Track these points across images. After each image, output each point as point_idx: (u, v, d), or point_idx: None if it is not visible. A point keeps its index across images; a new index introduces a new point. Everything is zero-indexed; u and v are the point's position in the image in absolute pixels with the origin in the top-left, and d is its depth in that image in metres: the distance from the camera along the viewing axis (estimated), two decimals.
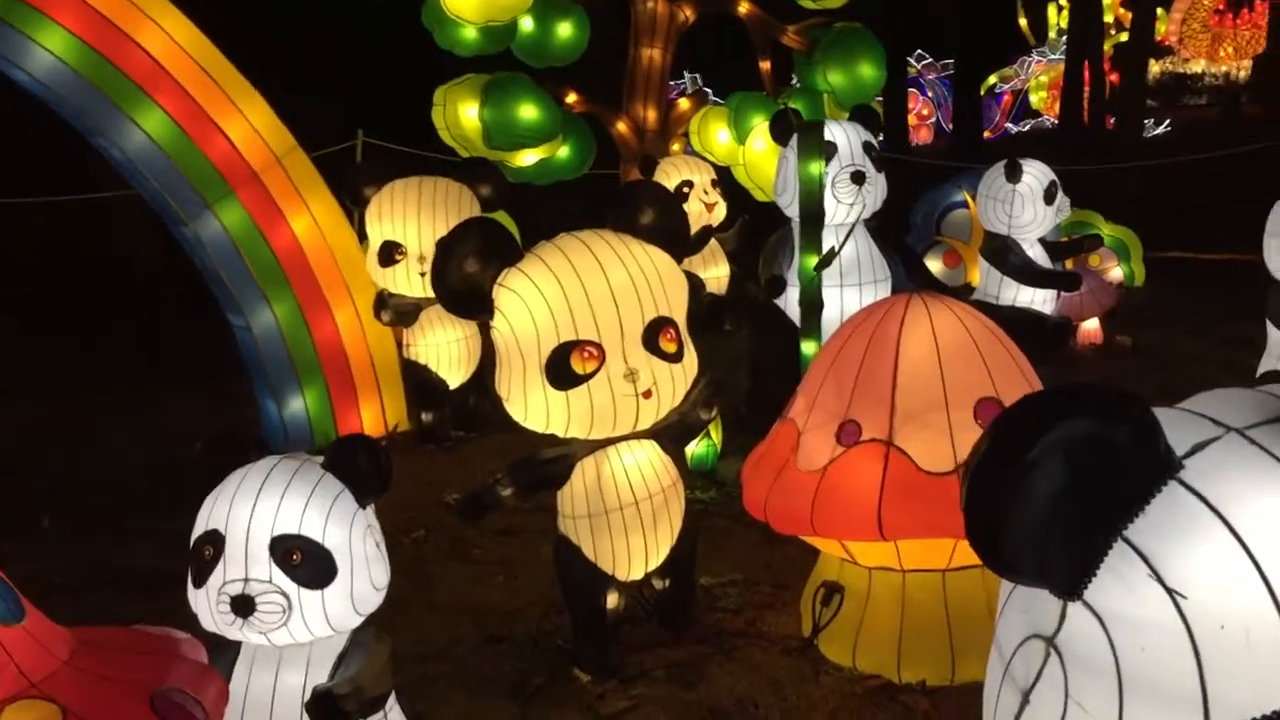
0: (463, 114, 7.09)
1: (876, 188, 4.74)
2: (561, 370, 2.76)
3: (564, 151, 7.55)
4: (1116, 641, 0.87)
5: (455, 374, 5.29)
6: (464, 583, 3.81)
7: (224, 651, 2.34)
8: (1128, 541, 0.87)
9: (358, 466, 2.33)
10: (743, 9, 8.01)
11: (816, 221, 4.41)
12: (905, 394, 2.83)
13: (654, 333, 2.82)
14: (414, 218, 4.92)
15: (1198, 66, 30.71)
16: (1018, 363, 2.94)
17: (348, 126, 9.54)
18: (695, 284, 3.26)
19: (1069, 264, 6.44)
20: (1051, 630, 0.94)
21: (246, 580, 2.20)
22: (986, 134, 25.38)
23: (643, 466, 3.03)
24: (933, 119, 27.44)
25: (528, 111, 7.03)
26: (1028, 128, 28.22)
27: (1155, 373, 6.13)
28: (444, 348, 5.21)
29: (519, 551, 4.05)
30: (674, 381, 2.89)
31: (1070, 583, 0.89)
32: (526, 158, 7.27)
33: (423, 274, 4.96)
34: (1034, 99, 28.86)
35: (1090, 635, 0.89)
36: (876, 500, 2.73)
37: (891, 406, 2.83)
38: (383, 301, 5.03)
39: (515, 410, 2.88)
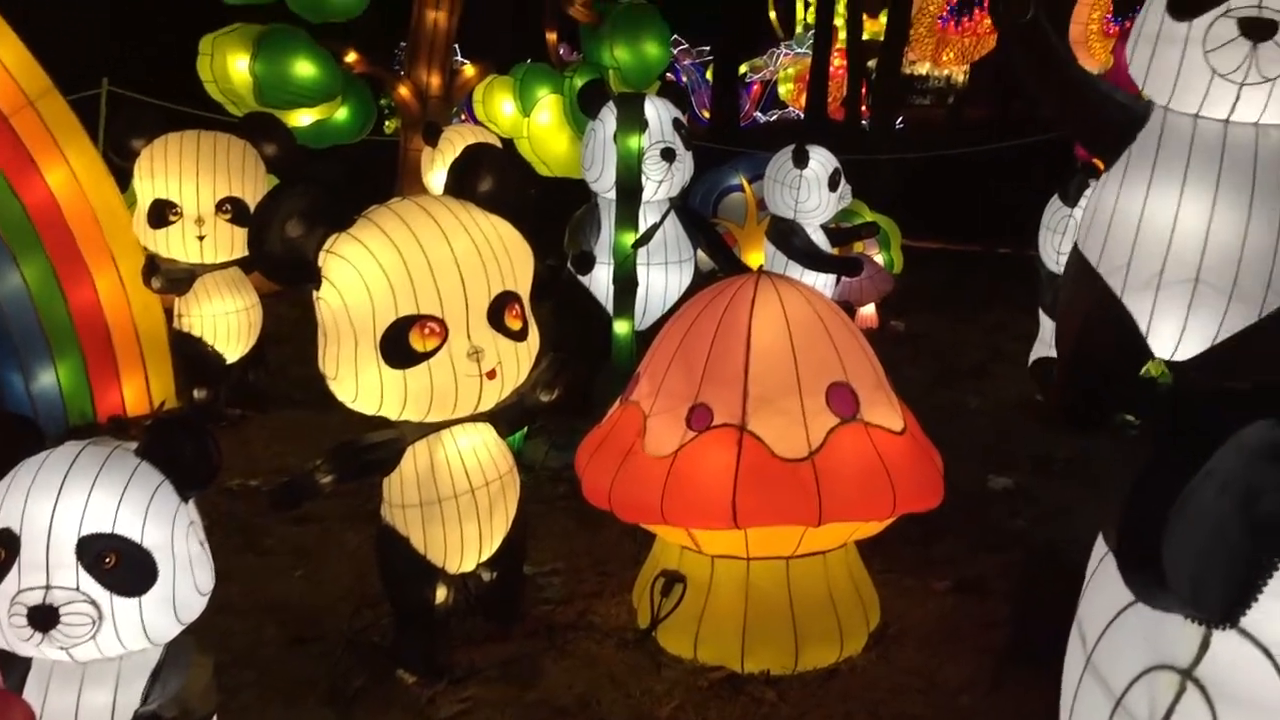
0: (232, 67, 6.55)
1: (685, 165, 4.68)
2: (399, 347, 2.52)
3: (342, 113, 7.13)
4: None
5: (233, 347, 4.86)
6: (259, 577, 3.47)
7: (10, 670, 1.99)
8: None
9: (181, 454, 2.04)
10: None
11: (633, 197, 4.30)
12: (758, 378, 2.75)
13: (499, 308, 2.62)
14: (191, 175, 4.46)
15: (923, 69, 32.75)
16: (863, 346, 2.93)
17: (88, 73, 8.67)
18: None
19: (839, 250, 6.63)
20: (1188, 662, 0.85)
21: (48, 588, 1.88)
22: None
23: (479, 451, 2.83)
24: (689, 102, 27.97)
25: (304, 68, 6.59)
26: (775, 118, 29.26)
27: (930, 359, 6.40)
28: (221, 319, 4.77)
29: (318, 541, 3.74)
30: (518, 361, 2.71)
31: (1228, 607, 0.80)
32: (302, 118, 6.81)
33: (200, 237, 4.53)
34: (782, 90, 29.93)
35: (1249, 668, 0.80)
36: (731, 487, 2.65)
37: (744, 390, 2.74)
38: (153, 267, 4.53)
39: (344, 390, 2.61)
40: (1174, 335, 3.46)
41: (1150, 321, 3.42)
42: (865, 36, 24.68)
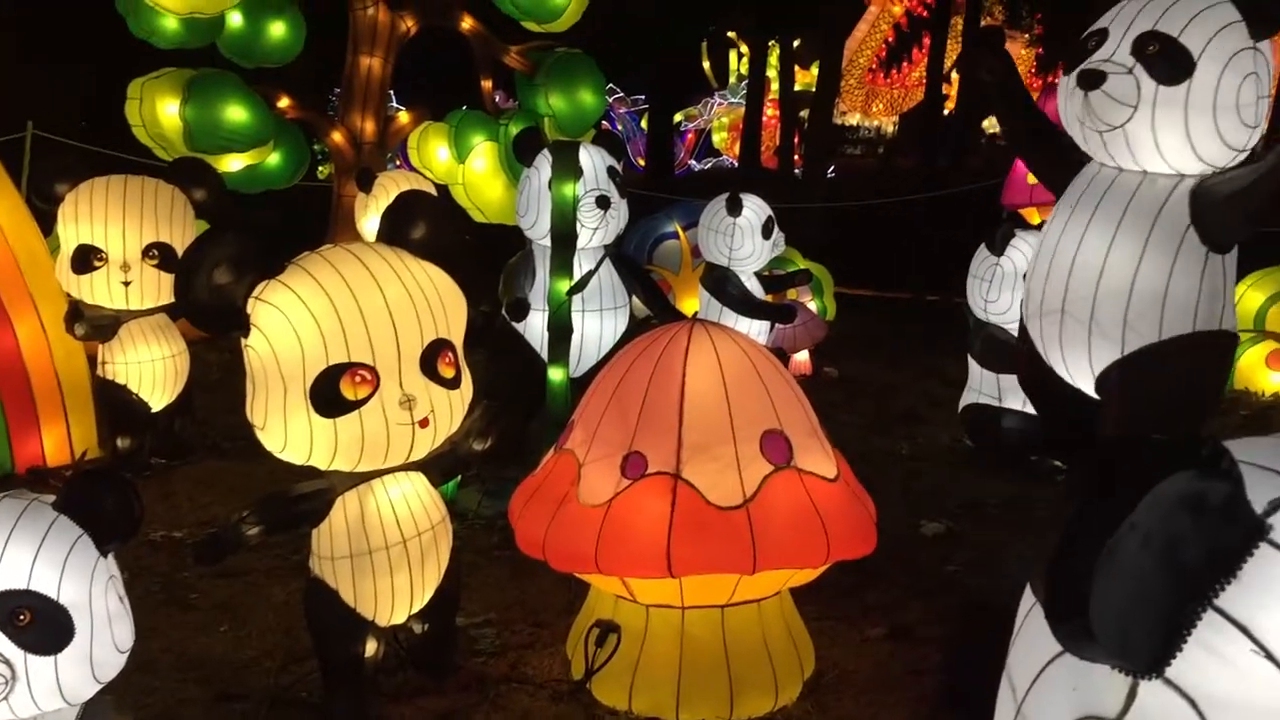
0: (161, 111, 6.47)
1: (620, 213, 4.70)
2: (329, 395, 2.48)
3: (274, 159, 7.07)
4: None
5: (159, 395, 4.76)
6: (183, 633, 3.38)
7: None
8: (1220, 611, 0.80)
9: (101, 507, 1.98)
10: (466, 25, 7.84)
11: (568, 244, 4.30)
12: (692, 425, 2.75)
13: (432, 356, 2.60)
14: (117, 220, 4.38)
15: (854, 119, 33.43)
16: (796, 393, 2.94)
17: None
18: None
19: (772, 297, 6.70)
20: (1115, 712, 0.85)
21: None
22: None
23: (410, 501, 2.79)
24: (624, 150, 28.20)
25: (236, 113, 6.53)
26: (710, 166, 29.62)
27: (863, 405, 6.47)
28: (147, 366, 4.67)
29: (244, 594, 3.65)
30: (451, 409, 2.68)
31: (1154, 658, 0.80)
32: (233, 163, 6.73)
33: (126, 283, 4.44)
34: (716, 139, 30.35)
35: (1175, 718, 0.81)
36: (665, 536, 2.63)
37: (679, 438, 2.74)
38: (76, 313, 4.44)
39: (272, 440, 2.56)
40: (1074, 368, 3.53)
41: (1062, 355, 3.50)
42: (797, 87, 25.24)
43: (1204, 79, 3.02)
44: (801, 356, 7.14)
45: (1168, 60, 3.03)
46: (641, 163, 27.43)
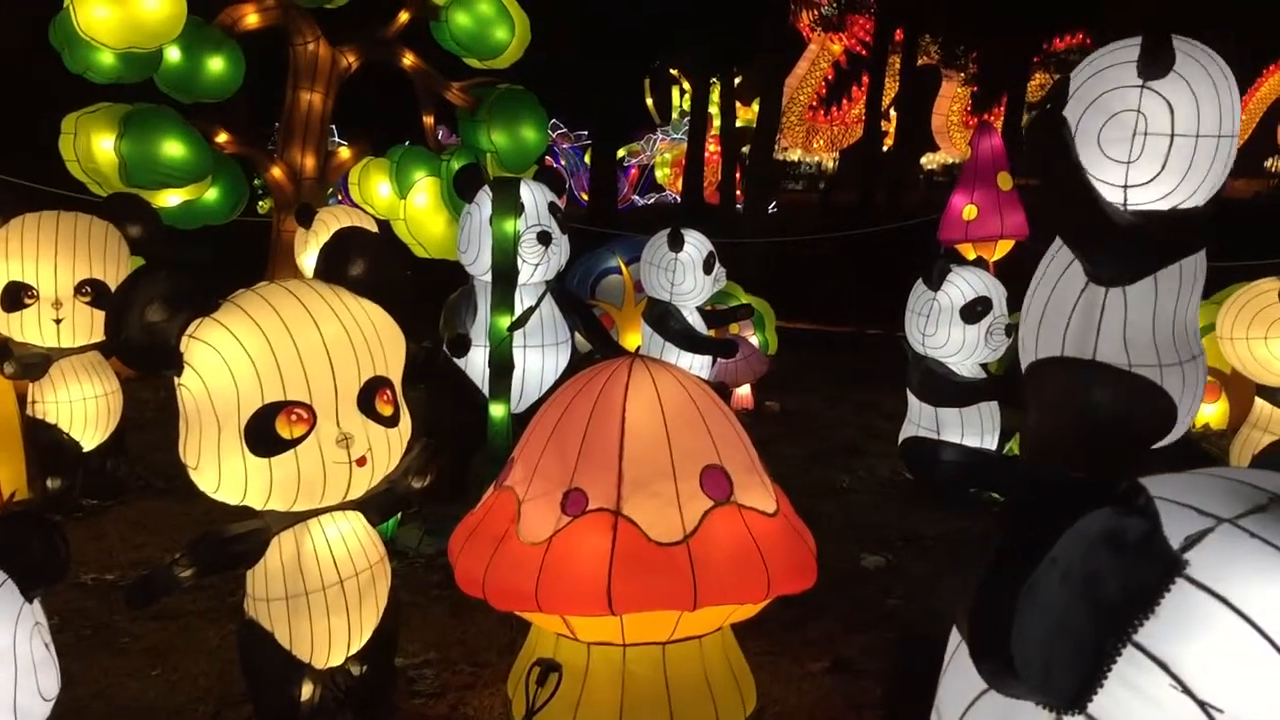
0: (96, 146, 6.38)
1: (561, 249, 4.70)
2: (265, 434, 2.45)
3: (212, 194, 6.99)
4: None
5: (91, 435, 4.67)
6: (113, 679, 3.30)
7: None
8: (1139, 647, 0.81)
9: (27, 552, 1.93)
10: (408, 61, 7.84)
11: (509, 280, 4.30)
12: (632, 462, 2.74)
13: (370, 394, 2.58)
14: (49, 257, 4.30)
15: (795, 155, 33.88)
16: (736, 429, 2.95)
17: None
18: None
19: (715, 332, 6.74)
20: None
21: None
22: None
23: (348, 540, 2.76)
24: (566, 186, 28.25)
25: (173, 148, 6.45)
26: (653, 201, 29.79)
27: (804, 438, 6.51)
28: (79, 405, 4.58)
29: (177, 638, 3.58)
30: (390, 447, 2.66)
31: (1076, 694, 0.82)
32: (170, 198, 6.65)
33: (57, 321, 4.36)
34: (659, 174, 30.56)
35: None
36: (606, 573, 2.62)
37: (619, 474, 2.73)
38: (6, 351, 4.35)
39: (205, 480, 2.52)
40: None
41: None
42: (739, 124, 25.52)
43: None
44: (744, 391, 7.18)
45: None
46: (585, 197, 27.54)
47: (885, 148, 26.59)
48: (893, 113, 29.47)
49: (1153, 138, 3.22)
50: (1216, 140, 3.26)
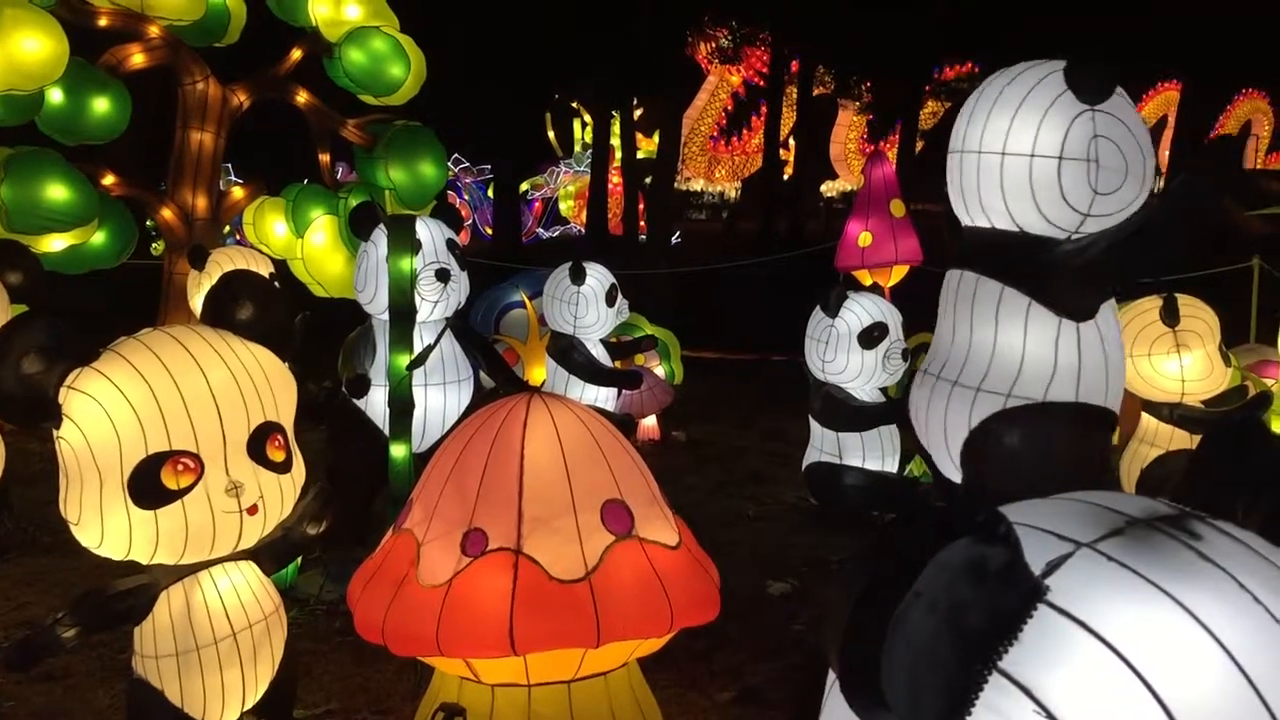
0: None
1: (460, 285, 4.67)
2: (150, 486, 2.38)
3: (99, 237, 6.80)
4: None
5: None
6: None
7: None
8: (1004, 674, 0.82)
9: None
10: (301, 99, 7.74)
11: (407, 318, 4.25)
12: (532, 499, 2.72)
13: (260, 440, 2.52)
14: None
15: (698, 185, 34.26)
16: (636, 462, 2.95)
17: None
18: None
19: (620, 364, 6.76)
20: None
21: None
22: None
23: (240, 592, 2.68)
24: (469, 221, 28.20)
25: (57, 192, 6.25)
26: (558, 234, 29.83)
27: (710, 467, 6.55)
28: None
29: (64, 700, 3.44)
30: (282, 494, 2.60)
31: None
32: (54, 243, 6.45)
33: None
34: (563, 207, 30.62)
35: None
36: (508, 613, 2.59)
37: (519, 513, 2.71)
38: None
39: (88, 535, 2.43)
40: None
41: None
42: (640, 154, 25.70)
43: None
44: (650, 421, 7.20)
45: None
46: (489, 231, 27.47)
47: (785, 176, 27.04)
48: (792, 142, 30.02)
49: (1113, 154, 3.12)
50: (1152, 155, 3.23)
